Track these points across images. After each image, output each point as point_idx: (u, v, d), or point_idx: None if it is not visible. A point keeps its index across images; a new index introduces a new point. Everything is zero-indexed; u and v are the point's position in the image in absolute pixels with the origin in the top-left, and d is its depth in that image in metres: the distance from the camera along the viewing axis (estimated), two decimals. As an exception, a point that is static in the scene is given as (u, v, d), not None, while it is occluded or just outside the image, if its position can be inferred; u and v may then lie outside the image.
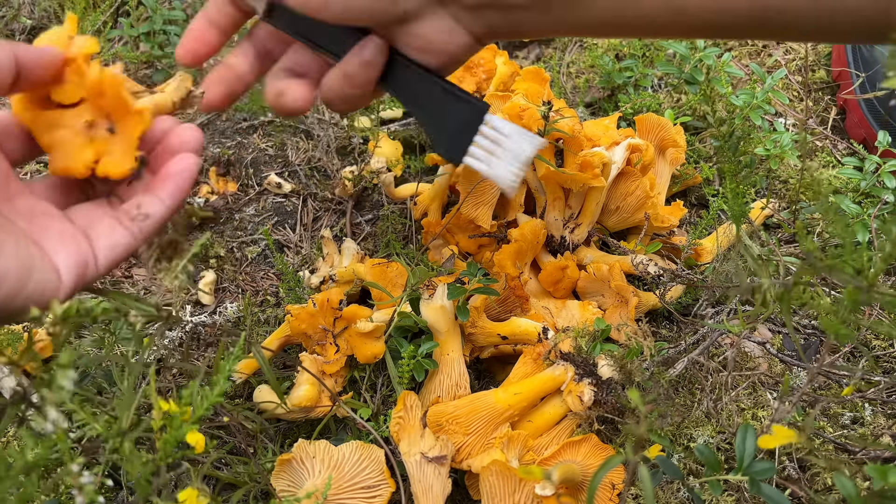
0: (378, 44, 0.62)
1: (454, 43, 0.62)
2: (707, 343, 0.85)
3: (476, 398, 0.78)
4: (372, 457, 0.75)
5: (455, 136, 0.66)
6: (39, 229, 0.53)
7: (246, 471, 0.76)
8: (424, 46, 0.62)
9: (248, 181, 1.19)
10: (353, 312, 0.81)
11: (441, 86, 0.65)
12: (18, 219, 0.53)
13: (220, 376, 0.51)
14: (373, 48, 0.62)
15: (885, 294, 0.48)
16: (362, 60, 0.62)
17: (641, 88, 1.25)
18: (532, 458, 0.76)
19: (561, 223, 0.97)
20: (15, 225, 0.52)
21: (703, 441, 0.83)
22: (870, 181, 1.02)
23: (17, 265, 0.48)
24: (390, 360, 0.84)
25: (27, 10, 1.40)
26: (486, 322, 0.86)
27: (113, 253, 0.54)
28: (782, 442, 0.49)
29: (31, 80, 0.53)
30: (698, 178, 1.13)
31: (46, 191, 0.58)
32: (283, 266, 0.92)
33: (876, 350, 0.93)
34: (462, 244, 0.97)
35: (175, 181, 0.56)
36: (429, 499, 0.73)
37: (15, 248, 0.49)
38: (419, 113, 0.67)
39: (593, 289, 0.96)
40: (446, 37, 0.62)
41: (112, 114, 0.57)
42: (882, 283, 0.98)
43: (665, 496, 0.78)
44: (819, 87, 1.30)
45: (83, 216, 0.57)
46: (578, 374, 0.77)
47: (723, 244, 0.99)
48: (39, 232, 0.53)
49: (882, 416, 0.86)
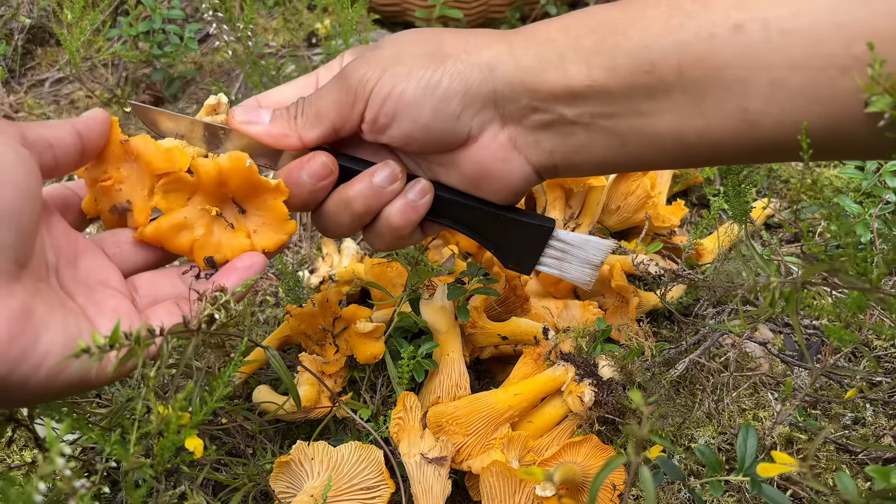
0: (425, 185, 0.60)
1: (511, 172, 0.58)
2: (708, 343, 0.85)
3: (476, 399, 0.78)
4: (371, 458, 0.74)
5: (523, 254, 0.65)
6: (95, 306, 0.52)
7: (245, 472, 0.75)
8: (481, 173, 0.59)
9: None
10: (352, 312, 0.81)
11: (498, 214, 0.62)
12: (77, 291, 0.52)
13: (221, 381, 0.50)
14: (420, 189, 0.60)
15: (888, 296, 0.48)
16: (406, 201, 0.60)
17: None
18: (532, 458, 0.76)
19: (562, 223, 0.96)
20: (69, 300, 0.51)
21: (704, 442, 0.83)
22: (871, 181, 1.02)
23: (62, 343, 0.46)
24: (390, 361, 0.84)
25: (26, 9, 1.40)
26: (487, 322, 0.86)
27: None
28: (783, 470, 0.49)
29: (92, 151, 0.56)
30: (699, 177, 1.13)
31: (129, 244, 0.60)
32: (282, 266, 0.92)
33: (877, 350, 0.93)
34: (462, 244, 0.97)
35: (240, 274, 0.58)
36: (429, 500, 0.72)
37: (63, 327, 0.47)
38: (478, 238, 0.64)
39: (594, 289, 0.96)
40: (503, 165, 0.58)
41: (238, 197, 0.60)
42: (884, 283, 0.98)
43: (666, 497, 0.78)
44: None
45: (150, 286, 0.58)
46: (579, 375, 0.77)
47: (724, 244, 0.99)
48: (94, 309, 0.52)
49: (884, 416, 0.86)
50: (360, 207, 0.60)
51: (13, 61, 1.35)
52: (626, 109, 0.52)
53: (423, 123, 0.56)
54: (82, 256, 0.56)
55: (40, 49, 1.40)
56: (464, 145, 0.58)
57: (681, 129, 0.51)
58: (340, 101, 0.57)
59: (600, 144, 0.55)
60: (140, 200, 0.58)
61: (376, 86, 0.55)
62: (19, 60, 1.36)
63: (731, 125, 0.50)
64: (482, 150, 0.57)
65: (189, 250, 0.60)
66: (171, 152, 0.57)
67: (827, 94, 0.46)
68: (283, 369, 0.60)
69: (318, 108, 0.59)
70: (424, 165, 0.62)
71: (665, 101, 0.51)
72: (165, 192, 0.58)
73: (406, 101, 0.55)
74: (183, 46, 1.32)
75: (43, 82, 1.35)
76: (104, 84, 1.39)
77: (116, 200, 0.59)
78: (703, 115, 0.50)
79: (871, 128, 0.46)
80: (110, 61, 1.39)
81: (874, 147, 0.49)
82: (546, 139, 0.56)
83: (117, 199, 0.59)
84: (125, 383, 0.87)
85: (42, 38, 1.42)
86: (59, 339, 0.46)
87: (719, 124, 0.50)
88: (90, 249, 0.57)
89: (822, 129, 0.48)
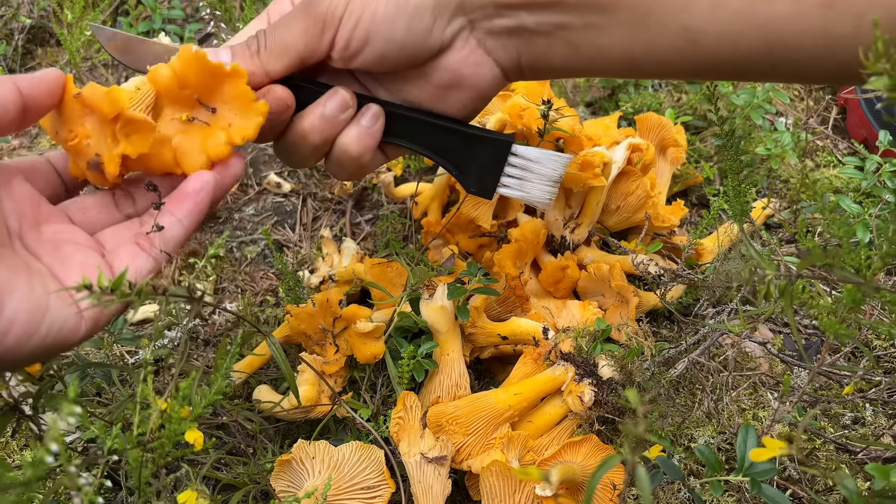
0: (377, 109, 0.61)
1: (482, 75, 0.61)
2: (708, 343, 0.85)
3: (476, 398, 0.78)
4: (372, 457, 0.75)
5: (484, 174, 0.65)
6: (61, 262, 0.52)
7: (245, 471, 0.76)
8: (452, 81, 0.61)
9: (247, 181, 1.18)
10: (352, 312, 0.81)
11: (458, 130, 0.63)
12: (42, 251, 0.52)
13: (219, 374, 0.50)
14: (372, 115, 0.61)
15: (883, 290, 0.48)
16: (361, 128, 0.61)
17: (642, 87, 1.25)
18: (532, 458, 0.76)
19: (561, 223, 0.96)
20: (35, 261, 0.51)
21: (703, 441, 0.83)
22: (871, 181, 1.02)
23: (28, 307, 0.46)
24: (390, 361, 0.84)
25: (26, 9, 1.40)
26: (486, 322, 0.86)
27: (136, 279, 0.53)
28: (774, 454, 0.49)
29: (37, 109, 0.53)
30: (699, 177, 1.13)
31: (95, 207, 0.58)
32: (282, 266, 0.92)
33: (877, 350, 0.93)
34: (462, 244, 0.97)
35: (193, 200, 0.56)
36: (429, 499, 0.73)
37: (27, 290, 0.47)
38: (439, 160, 0.65)
39: (594, 289, 0.96)
40: (474, 69, 0.60)
41: (202, 95, 0.57)
42: (882, 282, 0.98)
43: (666, 496, 0.78)
44: (820, 86, 1.30)
45: (114, 239, 0.57)
46: (579, 375, 0.77)
47: (724, 244, 0.99)
48: (61, 265, 0.52)
49: (883, 416, 0.86)
50: (316, 139, 0.61)
51: (13, 61, 1.36)
52: (580, 22, 0.56)
53: (398, 41, 0.57)
54: (46, 222, 0.55)
55: (40, 49, 1.40)
56: (436, 56, 0.59)
57: (628, 43, 0.56)
58: (308, 31, 0.57)
59: (559, 52, 0.59)
60: (106, 150, 0.56)
61: (346, 11, 0.56)
62: (19, 60, 1.36)
63: (674, 42, 0.54)
64: (454, 56, 0.59)
65: (174, 164, 0.58)
66: (111, 93, 0.54)
67: (763, 19, 0.50)
68: (283, 359, 0.60)
69: (283, 39, 0.58)
70: (391, 86, 0.63)
71: (613, 16, 0.55)
72: (127, 136, 0.55)
73: (378, 21, 0.56)
74: (183, 46, 1.31)
75: (43, 82, 1.35)
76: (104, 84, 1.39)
77: (88, 157, 0.57)
78: (648, 31, 0.54)
79: (803, 54, 0.51)
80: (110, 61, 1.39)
81: (804, 73, 0.54)
82: (512, 44, 0.59)
83: (89, 155, 0.56)
84: (126, 383, 0.87)
85: (42, 39, 1.42)
86: (24, 303, 0.46)
87: (662, 41, 0.54)
88: (54, 214, 0.56)
89: (757, 52, 0.52)
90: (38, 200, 0.56)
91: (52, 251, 0.53)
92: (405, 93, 0.63)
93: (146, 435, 0.48)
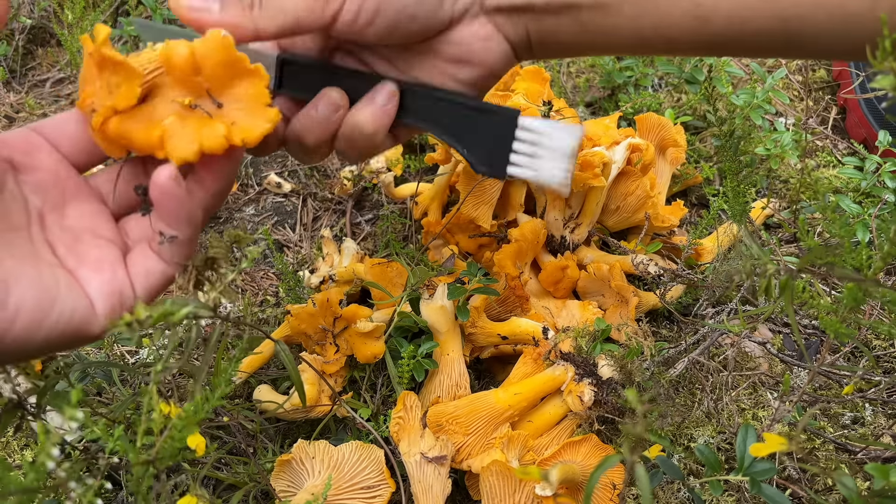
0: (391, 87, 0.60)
1: (492, 50, 0.60)
2: (707, 343, 0.85)
3: (476, 398, 0.78)
4: (372, 457, 0.75)
5: (492, 151, 0.63)
6: (76, 257, 0.51)
7: (246, 471, 0.76)
8: (462, 55, 0.60)
9: (247, 181, 1.18)
10: (352, 312, 0.81)
11: (465, 104, 0.62)
12: (59, 241, 0.51)
13: (222, 378, 0.50)
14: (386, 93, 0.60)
15: (884, 289, 0.48)
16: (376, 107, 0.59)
17: (642, 88, 1.25)
18: (532, 458, 0.76)
19: (561, 223, 0.96)
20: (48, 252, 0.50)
21: (703, 441, 0.83)
22: (870, 181, 1.02)
23: (35, 294, 0.45)
24: (390, 360, 0.84)
25: (27, 9, 1.40)
26: (486, 322, 0.86)
27: (148, 280, 0.52)
28: (774, 450, 0.49)
29: None
30: (699, 177, 1.13)
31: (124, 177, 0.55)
32: (282, 266, 0.92)
33: (876, 350, 0.93)
34: (462, 244, 0.97)
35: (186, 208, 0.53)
36: (429, 499, 0.73)
37: (35, 278, 0.46)
38: (448, 138, 0.63)
39: (593, 289, 0.96)
40: (484, 43, 0.59)
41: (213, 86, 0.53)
42: (882, 282, 0.98)
43: (665, 496, 0.78)
44: (819, 86, 1.30)
45: (137, 228, 0.55)
46: (578, 375, 0.77)
47: (723, 244, 0.99)
48: (75, 260, 0.50)
49: (882, 415, 0.86)
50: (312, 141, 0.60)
51: (14, 62, 1.36)
52: (588, 1, 0.56)
53: (409, 13, 0.56)
54: (72, 201, 0.53)
55: (41, 49, 1.41)
56: (447, 29, 0.59)
57: (637, 22, 0.56)
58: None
59: (567, 31, 0.59)
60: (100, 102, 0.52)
61: None
62: (20, 61, 1.36)
63: (685, 21, 0.54)
64: (464, 31, 0.59)
65: (159, 144, 0.52)
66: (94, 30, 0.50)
67: None
68: (291, 361, 0.59)
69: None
70: (398, 62, 0.62)
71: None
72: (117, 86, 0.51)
73: None
74: (183, 47, 1.31)
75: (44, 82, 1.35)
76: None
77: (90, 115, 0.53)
78: (658, 10, 0.55)
79: (817, 29, 0.51)
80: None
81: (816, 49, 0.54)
82: (520, 21, 0.59)
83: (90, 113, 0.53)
84: (126, 383, 0.87)
85: (43, 39, 1.42)
86: (30, 291, 0.45)
87: (672, 19, 0.55)
88: (83, 190, 0.54)
89: (770, 28, 0.52)
90: (65, 173, 0.53)
91: (69, 242, 0.51)
92: (416, 69, 0.62)
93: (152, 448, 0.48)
